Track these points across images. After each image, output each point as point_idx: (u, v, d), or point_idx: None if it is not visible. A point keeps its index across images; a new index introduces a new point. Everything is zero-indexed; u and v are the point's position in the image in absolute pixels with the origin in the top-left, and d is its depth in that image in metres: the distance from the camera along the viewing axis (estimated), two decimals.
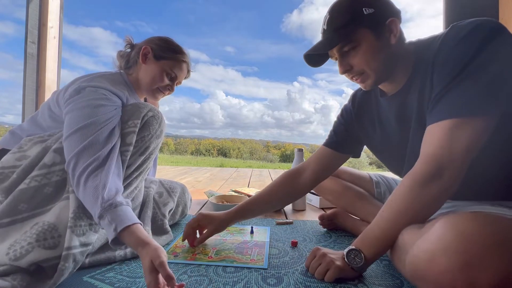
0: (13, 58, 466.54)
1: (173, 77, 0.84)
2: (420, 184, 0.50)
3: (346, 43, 0.58)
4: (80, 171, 0.54)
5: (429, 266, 0.38)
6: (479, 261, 0.34)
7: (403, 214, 0.50)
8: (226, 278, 0.57)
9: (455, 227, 0.37)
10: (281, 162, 29.85)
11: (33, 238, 0.51)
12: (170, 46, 0.82)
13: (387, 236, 0.52)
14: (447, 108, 0.49)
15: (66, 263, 0.50)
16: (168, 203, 0.85)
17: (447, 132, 0.48)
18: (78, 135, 0.57)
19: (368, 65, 0.58)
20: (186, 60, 0.85)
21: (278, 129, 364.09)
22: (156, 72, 0.80)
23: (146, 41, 0.83)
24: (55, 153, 0.60)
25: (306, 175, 0.79)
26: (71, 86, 0.66)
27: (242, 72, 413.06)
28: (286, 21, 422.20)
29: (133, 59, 0.82)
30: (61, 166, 0.59)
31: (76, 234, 0.53)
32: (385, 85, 0.64)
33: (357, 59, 0.58)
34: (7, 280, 0.47)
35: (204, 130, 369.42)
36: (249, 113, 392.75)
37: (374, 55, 0.57)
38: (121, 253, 0.64)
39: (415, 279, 0.43)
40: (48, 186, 0.57)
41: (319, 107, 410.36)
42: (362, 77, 0.61)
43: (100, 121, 0.60)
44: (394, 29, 0.57)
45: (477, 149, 0.48)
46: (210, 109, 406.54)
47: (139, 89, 0.82)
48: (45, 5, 1.79)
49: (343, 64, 0.61)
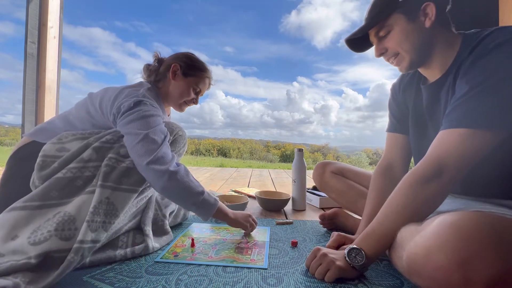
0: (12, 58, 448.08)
1: (198, 92, 0.93)
2: (420, 182, 0.51)
3: (381, 28, 0.61)
4: (174, 165, 0.67)
5: (426, 262, 0.39)
6: (475, 259, 0.35)
7: (403, 210, 0.52)
8: (226, 278, 0.57)
9: (453, 224, 0.38)
10: (281, 162, 29.86)
11: (53, 226, 0.54)
12: (195, 64, 0.91)
13: (387, 233, 0.52)
14: (462, 116, 0.50)
15: (76, 255, 0.52)
16: (169, 204, 0.86)
17: (457, 140, 0.50)
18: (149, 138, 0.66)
19: (401, 47, 0.60)
20: (209, 76, 0.95)
21: (278, 129, 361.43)
22: (184, 88, 0.89)
23: (173, 58, 0.90)
24: (93, 150, 0.65)
25: (398, 168, 0.76)
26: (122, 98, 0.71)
27: (241, 72, 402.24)
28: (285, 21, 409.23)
29: (161, 74, 0.89)
30: (95, 163, 0.64)
31: (90, 229, 0.56)
32: (424, 71, 0.65)
33: (391, 42, 0.61)
34: (8, 279, 0.47)
35: (204, 130, 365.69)
36: (249, 113, 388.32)
37: (407, 37, 0.59)
38: (122, 253, 0.64)
39: (412, 274, 0.43)
40: (80, 179, 0.62)
41: (318, 107, 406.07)
42: (397, 59, 0.63)
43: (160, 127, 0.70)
44: (429, 13, 0.57)
45: (481, 158, 0.49)
46: (210, 109, 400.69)
47: (167, 101, 0.90)
48: (45, 5, 1.79)
49: (378, 47, 0.64)
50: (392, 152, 0.78)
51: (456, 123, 0.50)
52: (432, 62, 0.61)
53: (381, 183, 0.75)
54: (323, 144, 48.58)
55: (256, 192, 1.28)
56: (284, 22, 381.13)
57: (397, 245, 0.49)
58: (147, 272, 0.59)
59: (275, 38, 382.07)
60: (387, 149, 0.80)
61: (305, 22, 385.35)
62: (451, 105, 0.53)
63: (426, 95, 0.65)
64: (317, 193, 1.34)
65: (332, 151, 43.55)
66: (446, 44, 0.59)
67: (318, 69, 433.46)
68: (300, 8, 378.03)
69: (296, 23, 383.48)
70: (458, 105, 0.51)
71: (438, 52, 0.60)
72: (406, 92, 0.74)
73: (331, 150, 44.39)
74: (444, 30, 0.59)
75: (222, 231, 0.86)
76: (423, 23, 0.58)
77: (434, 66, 0.61)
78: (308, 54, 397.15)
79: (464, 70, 0.53)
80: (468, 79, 0.51)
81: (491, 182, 0.57)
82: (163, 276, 0.57)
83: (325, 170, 0.97)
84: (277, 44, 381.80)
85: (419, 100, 0.69)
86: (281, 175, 2.93)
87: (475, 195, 0.60)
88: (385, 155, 0.80)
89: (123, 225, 0.69)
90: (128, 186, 0.65)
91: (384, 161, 0.79)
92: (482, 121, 0.48)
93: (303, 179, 1.19)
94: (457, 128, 0.50)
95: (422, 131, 0.68)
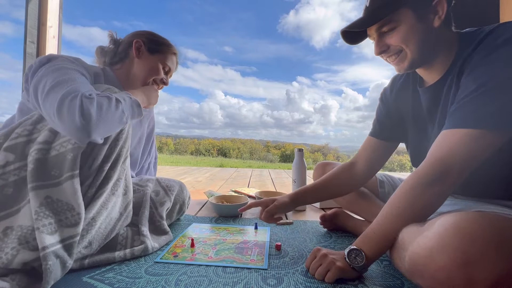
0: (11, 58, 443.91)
1: (167, 71, 0.85)
2: (423, 184, 0.50)
3: (385, 23, 0.56)
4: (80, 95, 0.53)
5: (428, 262, 0.38)
6: (478, 259, 0.34)
7: (404, 212, 0.51)
8: (226, 278, 0.57)
9: (455, 225, 0.38)
10: (281, 162, 29.84)
11: (15, 242, 0.50)
12: (160, 39, 0.83)
13: (387, 234, 0.52)
14: (466, 116, 0.48)
15: (48, 261, 0.49)
16: (165, 202, 0.84)
17: (460, 141, 0.48)
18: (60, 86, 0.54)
19: (406, 45, 0.56)
20: (176, 52, 0.87)
21: (278, 129, 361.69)
22: (152, 65, 0.81)
23: (133, 35, 0.82)
24: (7, 151, 0.55)
25: (359, 167, 0.79)
26: None
27: (241, 72, 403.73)
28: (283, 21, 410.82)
29: (121, 54, 0.81)
30: (16, 165, 0.55)
31: (46, 233, 0.50)
32: (423, 72, 0.63)
33: (395, 38, 0.57)
34: (6, 280, 0.47)
35: (203, 130, 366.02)
36: (249, 113, 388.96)
37: (414, 36, 0.55)
38: (121, 254, 0.64)
39: (414, 275, 0.43)
40: (7, 187, 0.54)
41: (318, 107, 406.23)
42: (399, 57, 0.59)
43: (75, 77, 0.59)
44: (440, 11, 0.54)
45: (484, 159, 0.48)
46: (209, 109, 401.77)
47: (129, 83, 0.80)
48: (44, 5, 1.78)
49: (380, 45, 0.59)
50: (362, 154, 0.80)
51: (461, 123, 0.48)
52: (434, 63, 0.59)
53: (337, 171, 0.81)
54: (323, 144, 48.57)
55: (256, 192, 1.27)
56: (282, 22, 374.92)
57: (399, 246, 0.48)
58: (147, 272, 0.59)
59: (274, 38, 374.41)
60: (361, 150, 0.81)
61: (303, 22, 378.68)
62: (456, 103, 0.51)
63: (426, 97, 0.63)
64: None
65: (333, 151, 43.53)
66: (447, 44, 0.57)
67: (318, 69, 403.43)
68: (298, 8, 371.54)
69: (294, 23, 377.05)
70: (464, 103, 0.49)
71: (440, 53, 0.58)
72: (400, 97, 0.72)
73: (331, 150, 44.36)
74: (446, 30, 0.57)
75: (222, 231, 0.86)
76: (431, 22, 0.55)
77: (435, 67, 0.60)
78: (307, 54, 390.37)
79: (471, 67, 0.50)
80: (475, 76, 0.49)
81: (493, 183, 0.56)
82: (162, 277, 0.57)
83: (325, 170, 0.97)
84: (276, 44, 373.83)
85: (418, 103, 0.67)
86: (281, 175, 2.93)
87: (476, 196, 0.60)
88: (356, 155, 0.82)
89: (115, 221, 0.65)
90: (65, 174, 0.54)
91: (351, 160, 0.82)
92: (491, 121, 0.46)
93: (303, 179, 1.19)
94: (463, 128, 0.48)
95: (423, 133, 0.67)
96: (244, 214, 1.10)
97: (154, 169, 1.07)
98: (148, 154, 1.02)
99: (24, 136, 0.57)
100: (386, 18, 0.56)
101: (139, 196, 0.78)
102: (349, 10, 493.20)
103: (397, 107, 0.74)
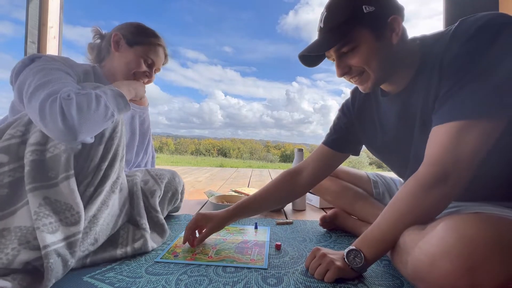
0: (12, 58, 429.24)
1: (150, 64, 0.81)
2: (424, 188, 0.48)
3: (344, 44, 0.55)
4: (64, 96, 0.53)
5: (431, 269, 0.38)
6: (481, 265, 0.34)
7: (404, 216, 0.50)
8: (226, 278, 0.57)
9: (457, 229, 0.37)
10: (281, 162, 29.84)
11: (16, 242, 0.50)
12: (142, 30, 0.79)
13: (387, 237, 0.51)
14: (453, 109, 0.47)
15: (50, 259, 0.49)
16: (155, 191, 0.80)
17: (453, 135, 0.46)
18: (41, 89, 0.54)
19: (368, 65, 0.55)
20: (162, 43, 0.82)
21: (278, 129, 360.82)
22: (130, 58, 0.77)
23: (116, 29, 0.80)
24: (0, 153, 0.54)
25: (305, 175, 0.78)
26: None
27: (240, 72, 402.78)
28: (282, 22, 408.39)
29: (104, 49, 0.79)
30: (10, 166, 0.54)
31: (47, 232, 0.50)
32: (386, 86, 0.62)
33: (355, 59, 0.55)
34: (8, 280, 0.47)
35: (203, 130, 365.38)
36: (248, 113, 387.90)
37: (375, 56, 0.54)
38: (122, 251, 0.65)
39: (417, 281, 0.42)
40: (2, 188, 0.53)
41: (318, 107, 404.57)
42: (362, 78, 0.58)
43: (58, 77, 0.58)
44: (396, 28, 0.54)
45: (483, 153, 0.46)
46: (209, 109, 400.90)
47: (115, 80, 0.78)
48: (45, 5, 1.79)
49: (341, 66, 0.58)
50: (314, 162, 0.78)
51: (449, 117, 0.47)
52: (397, 76, 0.58)
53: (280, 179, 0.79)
54: None
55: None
56: (281, 22, 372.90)
57: (401, 250, 0.48)
58: (147, 272, 0.59)
59: (273, 39, 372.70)
60: (311, 157, 0.80)
61: (303, 22, 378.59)
62: (439, 100, 0.49)
63: (394, 104, 0.62)
64: (315, 194, 1.34)
65: None
66: (408, 55, 0.56)
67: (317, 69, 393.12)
68: (298, 8, 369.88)
69: (293, 23, 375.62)
70: (448, 98, 0.48)
71: (403, 65, 0.57)
72: (364, 109, 0.72)
73: None
74: (405, 41, 0.56)
75: (222, 231, 0.86)
76: (390, 39, 0.54)
77: (399, 79, 0.59)
78: None
79: (448, 62, 0.49)
80: (453, 71, 0.48)
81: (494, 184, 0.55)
82: (163, 276, 0.57)
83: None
84: (275, 44, 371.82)
85: (385, 112, 0.66)
86: None
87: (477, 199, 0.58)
88: (305, 161, 0.81)
89: (117, 217, 0.66)
90: (61, 175, 0.55)
91: (300, 165, 0.80)
92: (478, 110, 0.44)
93: None
94: (451, 122, 0.46)
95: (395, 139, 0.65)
96: None
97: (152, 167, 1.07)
98: (144, 153, 1.01)
99: (17, 137, 0.56)
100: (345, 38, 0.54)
101: (129, 186, 0.76)
102: None
103: (360, 120, 0.73)
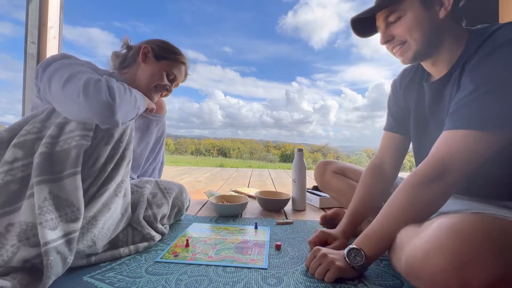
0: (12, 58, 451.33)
1: (172, 79, 0.86)
2: (423, 183, 0.50)
3: (392, 12, 0.57)
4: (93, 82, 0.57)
5: (424, 265, 0.39)
6: (474, 262, 0.34)
7: (403, 212, 0.51)
8: (226, 278, 0.57)
9: (452, 227, 0.38)
10: (281, 162, 29.85)
11: (15, 239, 0.50)
12: (169, 47, 0.85)
13: (387, 233, 0.52)
14: (466, 117, 0.49)
15: (49, 257, 0.49)
16: (162, 204, 0.81)
17: (460, 141, 0.48)
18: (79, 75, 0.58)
19: (410, 34, 0.57)
20: (185, 62, 0.88)
21: (278, 129, 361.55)
22: (155, 70, 0.82)
23: (145, 42, 0.85)
24: (16, 148, 0.56)
25: (388, 166, 0.76)
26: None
27: (240, 72, 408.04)
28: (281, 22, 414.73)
29: (130, 58, 0.83)
30: (24, 161, 0.55)
31: (49, 228, 0.51)
32: (429, 66, 0.63)
33: (400, 28, 0.57)
34: (7, 279, 0.47)
35: (203, 130, 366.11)
36: (248, 113, 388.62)
37: (418, 25, 0.56)
38: (126, 251, 0.65)
39: (411, 277, 0.43)
40: (14, 182, 0.54)
41: (318, 107, 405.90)
42: (403, 48, 0.59)
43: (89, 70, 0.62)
44: (445, 2, 0.55)
45: (485, 159, 0.48)
46: (209, 109, 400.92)
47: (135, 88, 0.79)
48: (45, 5, 1.79)
49: (385, 34, 0.61)
50: (386, 151, 0.77)
51: (459, 124, 0.49)
52: (438, 57, 0.59)
53: (369, 181, 0.76)
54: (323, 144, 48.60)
55: (256, 192, 1.28)
56: (280, 23, 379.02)
57: (396, 247, 0.49)
58: (147, 272, 0.59)
59: (273, 39, 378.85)
60: (381, 147, 0.79)
61: (302, 23, 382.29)
62: (455, 104, 0.51)
63: (429, 93, 0.64)
64: (317, 193, 1.34)
65: (332, 151, 43.54)
66: (454, 39, 0.57)
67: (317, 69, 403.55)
68: (297, 9, 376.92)
69: (292, 24, 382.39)
70: (462, 105, 0.49)
71: (446, 47, 0.58)
72: (408, 90, 0.72)
73: (331, 150, 44.38)
74: (454, 24, 0.57)
75: (222, 231, 0.86)
76: (437, 13, 0.55)
77: (440, 61, 0.59)
78: (306, 55, 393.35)
79: (470, 68, 0.51)
80: (473, 77, 0.49)
81: (495, 183, 0.56)
82: (163, 276, 0.57)
83: (326, 169, 0.97)
84: (274, 44, 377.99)
85: (421, 98, 0.67)
86: (281, 175, 2.94)
87: (478, 195, 0.59)
88: (379, 153, 0.80)
89: (118, 221, 0.66)
90: (68, 170, 0.55)
91: (376, 160, 0.79)
92: (487, 122, 0.46)
93: (303, 179, 1.19)
94: (461, 129, 0.49)
95: (423, 130, 0.67)
96: (244, 214, 1.10)
97: (159, 174, 1.06)
98: (153, 159, 1.01)
99: (33, 133, 0.57)
100: (393, 6, 0.57)
101: (137, 197, 0.77)
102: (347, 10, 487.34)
103: (405, 101, 0.73)
